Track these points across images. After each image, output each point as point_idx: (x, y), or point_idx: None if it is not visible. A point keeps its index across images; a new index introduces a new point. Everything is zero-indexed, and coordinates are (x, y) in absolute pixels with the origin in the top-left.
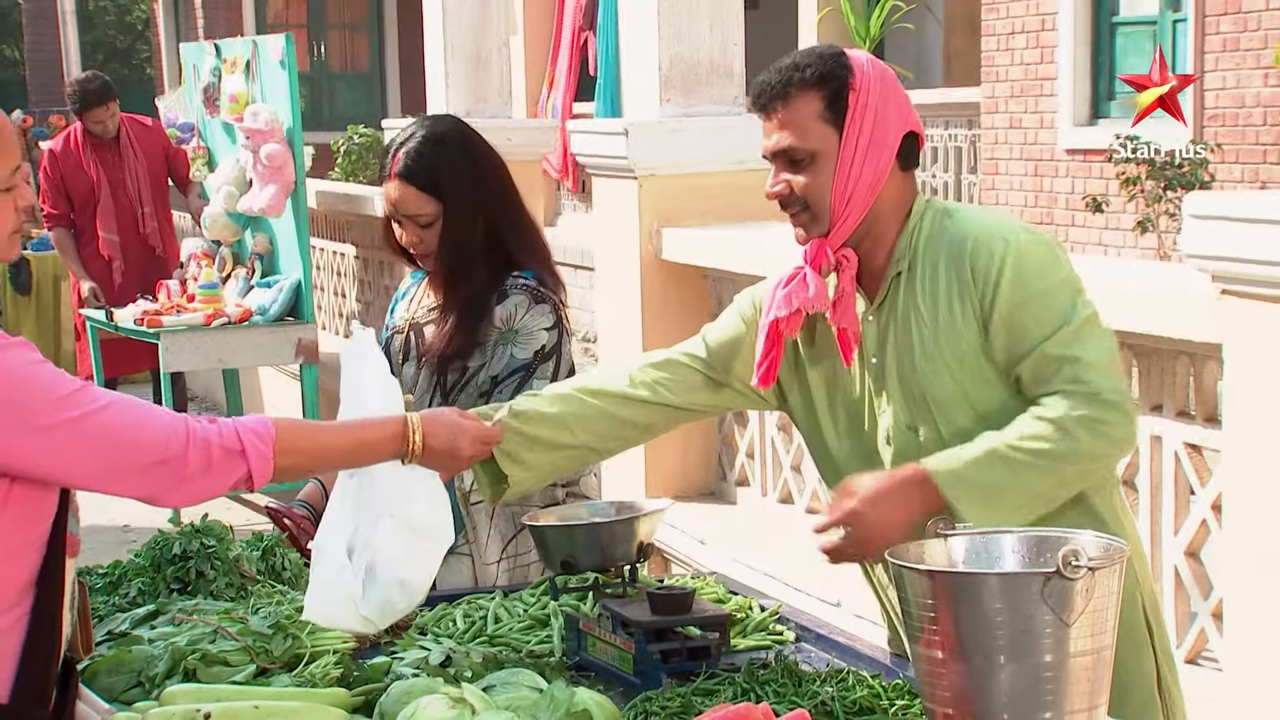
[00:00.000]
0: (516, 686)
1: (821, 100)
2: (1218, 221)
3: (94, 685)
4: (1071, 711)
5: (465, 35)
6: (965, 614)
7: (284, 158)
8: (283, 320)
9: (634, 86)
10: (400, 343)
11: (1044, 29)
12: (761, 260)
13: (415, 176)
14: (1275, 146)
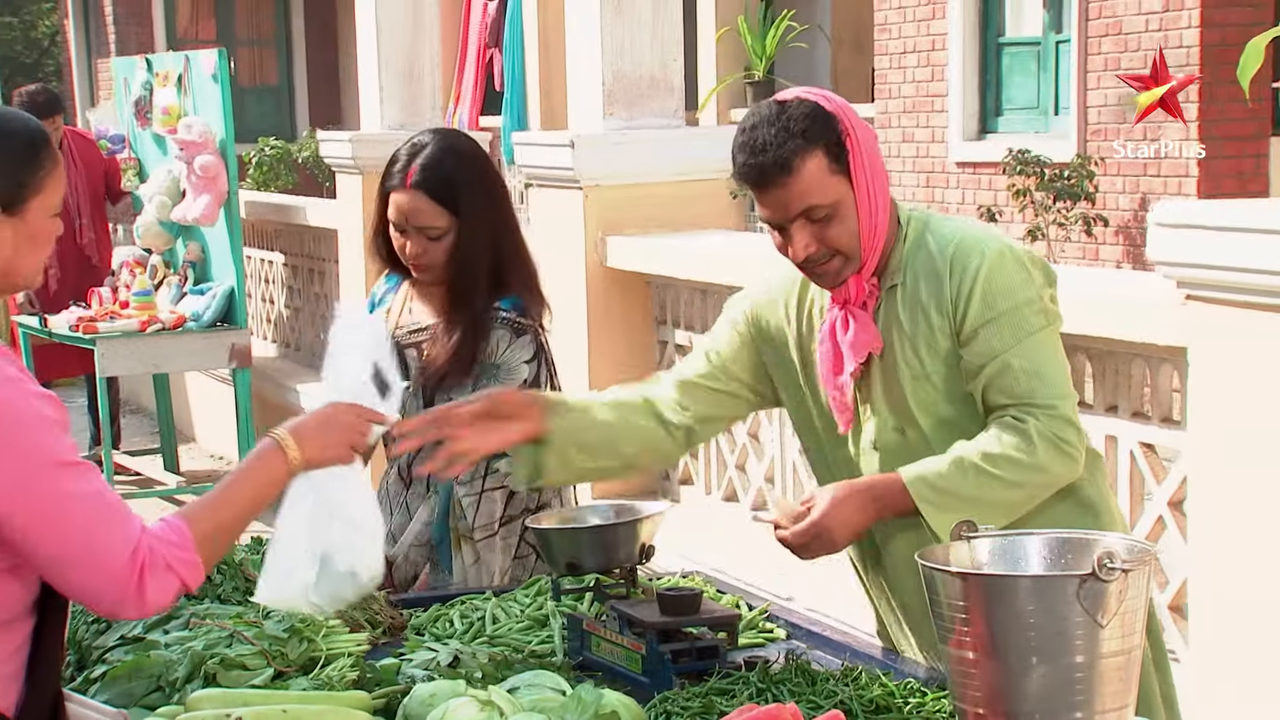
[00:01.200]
0: (540, 688)
1: (825, 156)
2: (1183, 229)
3: (113, 689)
4: (1102, 711)
5: (398, 50)
6: (999, 616)
7: (217, 168)
8: (216, 326)
9: (578, 100)
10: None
11: (934, 49)
12: (703, 267)
13: (432, 188)
14: (1154, 161)
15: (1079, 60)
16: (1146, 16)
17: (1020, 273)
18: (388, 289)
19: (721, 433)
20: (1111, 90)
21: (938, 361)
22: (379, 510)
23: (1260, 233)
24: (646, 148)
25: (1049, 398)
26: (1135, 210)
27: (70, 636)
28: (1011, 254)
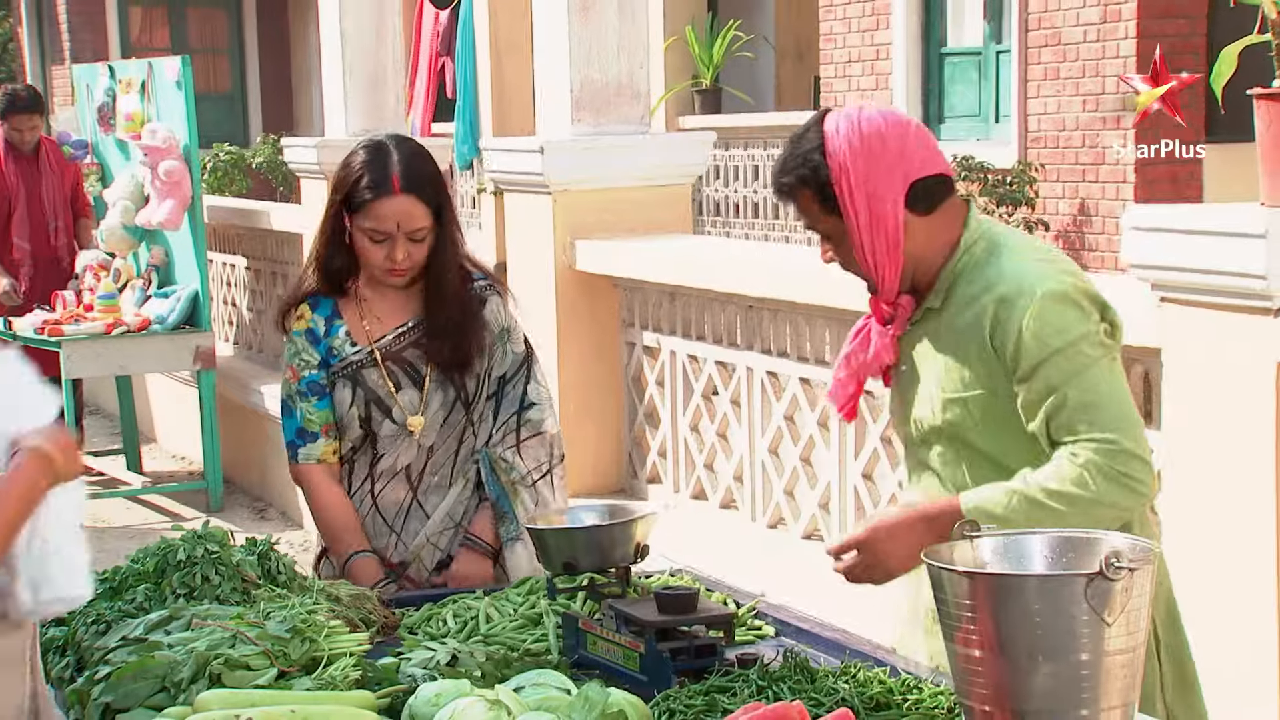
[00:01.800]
0: (544, 688)
1: (813, 197)
2: (1157, 233)
3: (118, 690)
4: (1107, 708)
5: (362, 57)
6: (1007, 614)
7: (181, 173)
8: (181, 329)
9: (547, 106)
10: (378, 375)
11: (878, 59)
12: (670, 270)
13: (419, 190)
14: (1093, 167)
15: (1019, 70)
16: (1085, 27)
17: (1072, 310)
18: (326, 318)
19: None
20: (1051, 99)
21: (968, 382)
22: (78, 521)
23: (1233, 236)
24: (613, 153)
25: (1107, 430)
26: (1074, 215)
27: (69, 637)
28: (1062, 292)
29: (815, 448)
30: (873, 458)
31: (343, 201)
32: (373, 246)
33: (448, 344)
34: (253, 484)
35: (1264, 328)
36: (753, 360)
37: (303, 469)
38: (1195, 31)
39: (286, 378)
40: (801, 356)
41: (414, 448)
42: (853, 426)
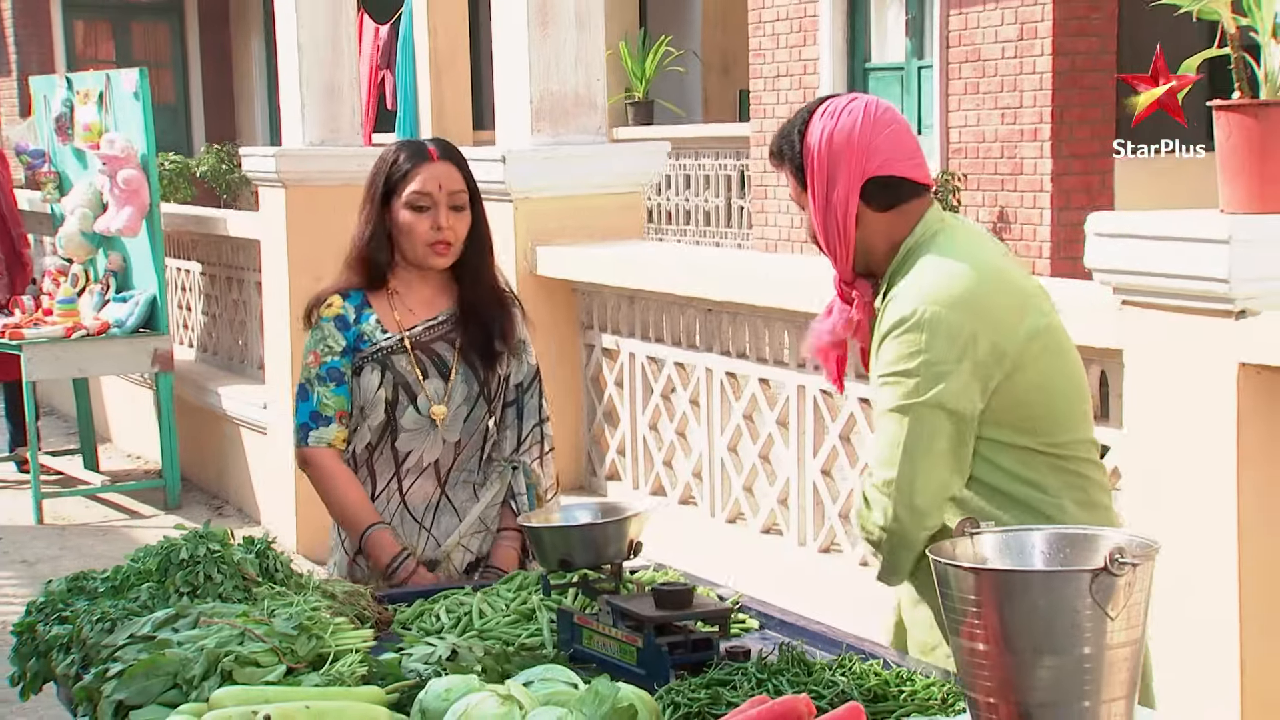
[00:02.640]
0: (553, 682)
1: (792, 174)
2: (1119, 239)
3: (131, 687)
4: (1109, 700)
5: (319, 69)
6: (1012, 609)
7: (140, 182)
8: (139, 332)
9: (507, 117)
10: (407, 362)
11: (806, 73)
12: (628, 274)
13: (455, 158)
14: (1011, 176)
15: (941, 84)
16: (1003, 44)
17: (915, 340)
18: (356, 306)
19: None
20: (971, 112)
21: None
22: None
23: (1197, 241)
24: (572, 162)
25: (882, 471)
26: (994, 222)
27: (74, 635)
28: (910, 319)
29: (774, 445)
30: (831, 454)
31: (381, 190)
32: (417, 219)
33: (481, 331)
34: (209, 482)
35: (1226, 330)
36: (712, 361)
37: (312, 451)
38: (1105, 49)
39: (307, 363)
40: (761, 358)
41: (439, 443)
42: (812, 426)
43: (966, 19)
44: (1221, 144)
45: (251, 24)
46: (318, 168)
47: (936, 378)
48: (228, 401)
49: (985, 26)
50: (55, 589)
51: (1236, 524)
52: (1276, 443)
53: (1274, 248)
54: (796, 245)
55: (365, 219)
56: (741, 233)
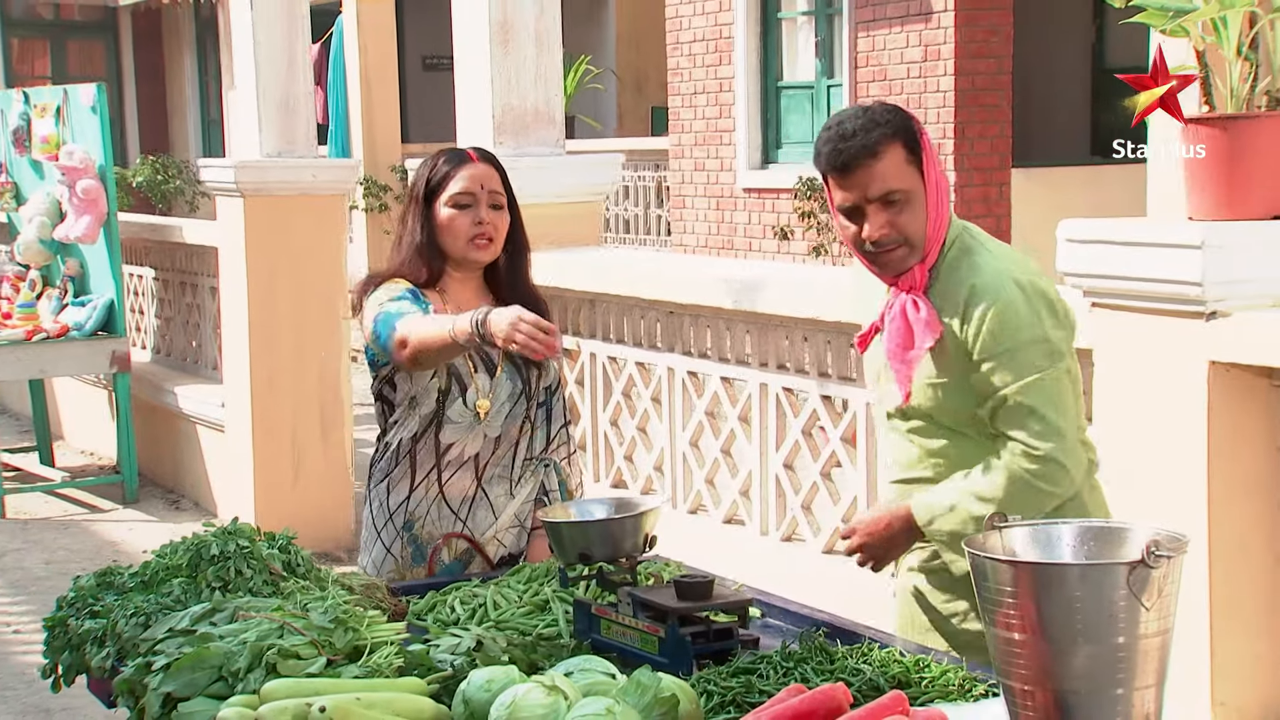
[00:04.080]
0: (591, 673)
1: (904, 148)
2: (1091, 244)
3: (178, 680)
4: (1141, 687)
5: (275, 83)
6: (1049, 600)
7: (98, 191)
8: (97, 335)
9: (470, 130)
10: (462, 356)
11: (722, 90)
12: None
13: (492, 162)
14: None
15: (850, 102)
16: (908, 65)
17: (1031, 313)
18: (414, 294)
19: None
20: None
21: (954, 375)
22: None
23: (1171, 247)
24: (532, 173)
25: (1037, 437)
26: None
27: (108, 629)
28: (1024, 294)
29: (736, 440)
30: (794, 449)
31: (422, 193)
32: (459, 215)
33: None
34: (165, 477)
35: (1197, 330)
36: (674, 361)
37: (406, 321)
38: (1002, 70)
39: (379, 300)
40: (723, 358)
41: (480, 437)
42: (774, 421)
43: (874, 41)
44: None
45: (184, 42)
46: (275, 178)
47: (1058, 345)
48: (184, 401)
49: (891, 48)
50: (84, 584)
51: (1206, 516)
52: (1244, 437)
53: (1243, 252)
54: (713, 251)
55: (411, 221)
56: (660, 240)
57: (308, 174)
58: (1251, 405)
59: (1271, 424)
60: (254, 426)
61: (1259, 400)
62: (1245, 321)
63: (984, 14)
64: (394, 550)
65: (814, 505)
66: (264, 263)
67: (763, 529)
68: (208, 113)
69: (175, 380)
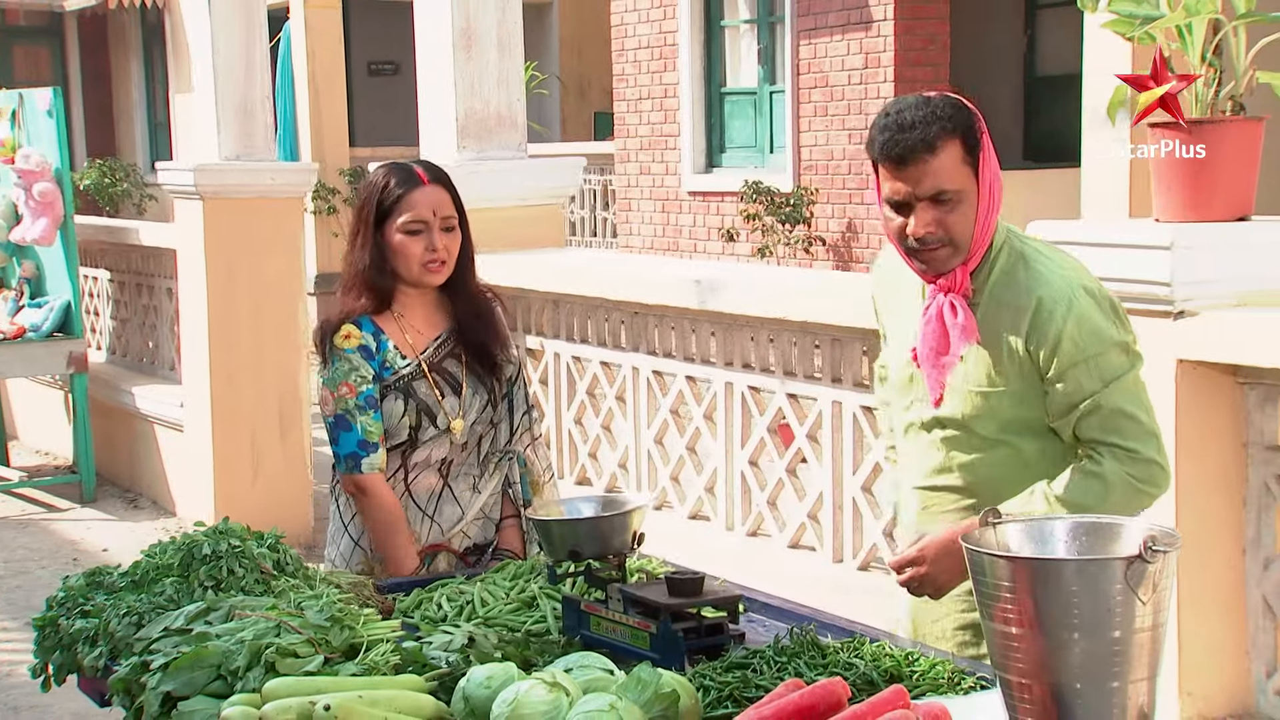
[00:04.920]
0: (590, 669)
1: (962, 146)
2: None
3: (177, 679)
4: (1135, 680)
5: (233, 88)
6: (1046, 594)
7: (54, 194)
8: (54, 336)
9: (434, 134)
10: (427, 386)
11: (667, 96)
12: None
13: (445, 182)
14: (858, 191)
15: (792, 108)
16: (849, 72)
17: (1106, 317)
18: (373, 334)
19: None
20: (821, 133)
21: (1010, 384)
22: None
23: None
24: (495, 176)
25: (1134, 439)
26: (844, 232)
27: (100, 628)
28: (1096, 300)
29: (701, 438)
30: (759, 446)
31: (373, 215)
32: (411, 241)
33: (480, 343)
34: (122, 476)
35: (1166, 329)
36: (638, 361)
37: (367, 479)
38: (940, 77)
39: (341, 394)
40: (688, 357)
41: (446, 444)
42: (740, 419)
43: (815, 48)
44: (1157, 159)
45: (130, 48)
46: (234, 181)
47: (1133, 343)
48: (142, 401)
49: (833, 55)
50: (74, 584)
51: (1175, 509)
52: (1211, 433)
53: (1210, 253)
54: (658, 252)
55: (361, 244)
56: (606, 242)
57: (266, 177)
58: (1218, 402)
59: (1236, 420)
60: (214, 425)
61: (1225, 397)
62: (1212, 320)
63: (922, 23)
64: (362, 544)
65: (779, 501)
66: (223, 264)
67: (728, 524)
68: (154, 117)
69: (132, 381)
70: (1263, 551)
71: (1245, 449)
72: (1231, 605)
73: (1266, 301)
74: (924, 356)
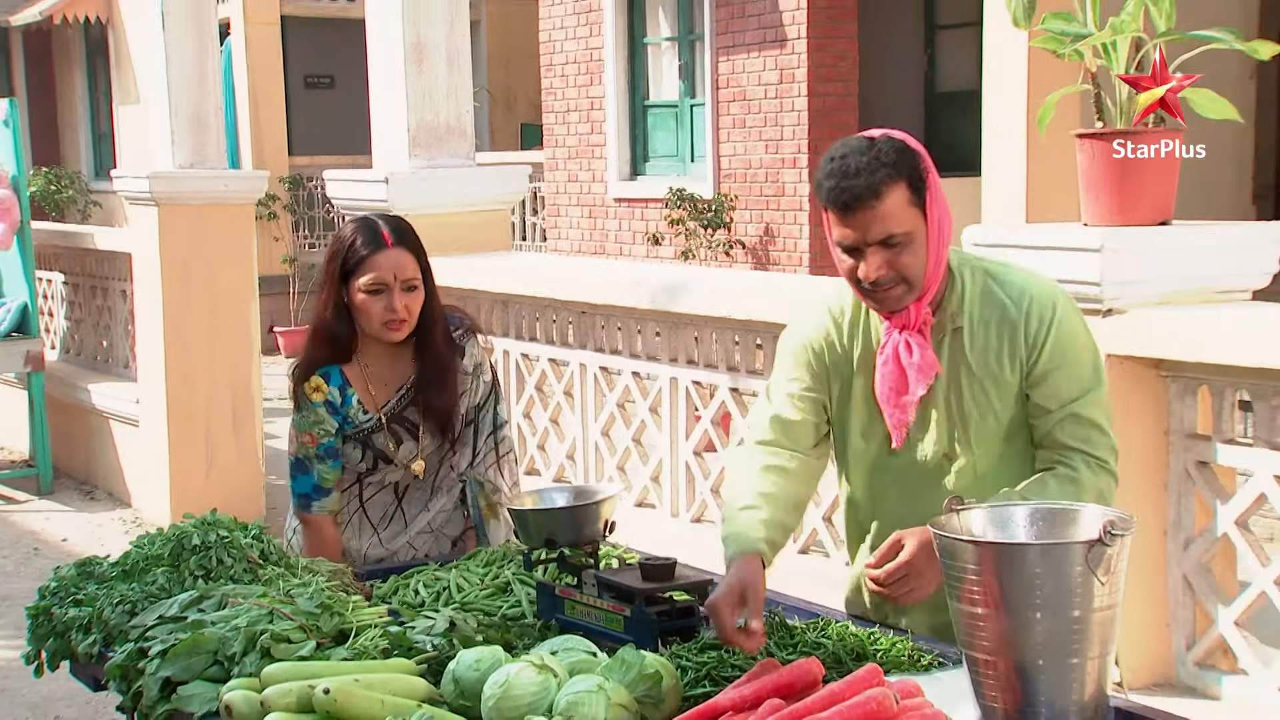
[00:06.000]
0: (575, 652)
1: (908, 187)
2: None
3: (176, 665)
4: (1094, 657)
5: (187, 101)
6: (1013, 577)
7: (11, 201)
8: (11, 336)
9: (387, 143)
10: (383, 438)
11: (593, 109)
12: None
13: (409, 243)
14: (775, 198)
15: (712, 120)
16: (765, 87)
17: (1083, 327)
18: (339, 387)
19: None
20: (739, 144)
21: (1007, 403)
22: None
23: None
24: (446, 183)
25: (1104, 450)
26: (761, 236)
27: (94, 616)
28: (1073, 308)
29: (647, 430)
30: (703, 437)
31: (339, 271)
32: (373, 301)
33: (439, 401)
34: (77, 469)
35: (1096, 326)
36: (586, 358)
37: (315, 519)
38: (849, 92)
39: (304, 441)
40: (634, 354)
41: (402, 472)
42: (684, 412)
43: (734, 64)
44: (1085, 168)
45: (74, 61)
46: (188, 188)
47: (1100, 360)
48: (98, 397)
49: (749, 71)
50: (65, 574)
51: None
52: (1136, 421)
53: (1136, 255)
54: (586, 255)
55: (326, 297)
56: (536, 245)
57: (219, 184)
58: (1143, 394)
59: (1159, 410)
60: (169, 421)
61: (1149, 388)
62: (1138, 318)
63: (832, 41)
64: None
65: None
66: (178, 266)
67: (673, 511)
68: (98, 127)
69: (87, 379)
70: (1183, 533)
71: (1167, 437)
72: (1154, 583)
73: (1187, 300)
74: (884, 397)
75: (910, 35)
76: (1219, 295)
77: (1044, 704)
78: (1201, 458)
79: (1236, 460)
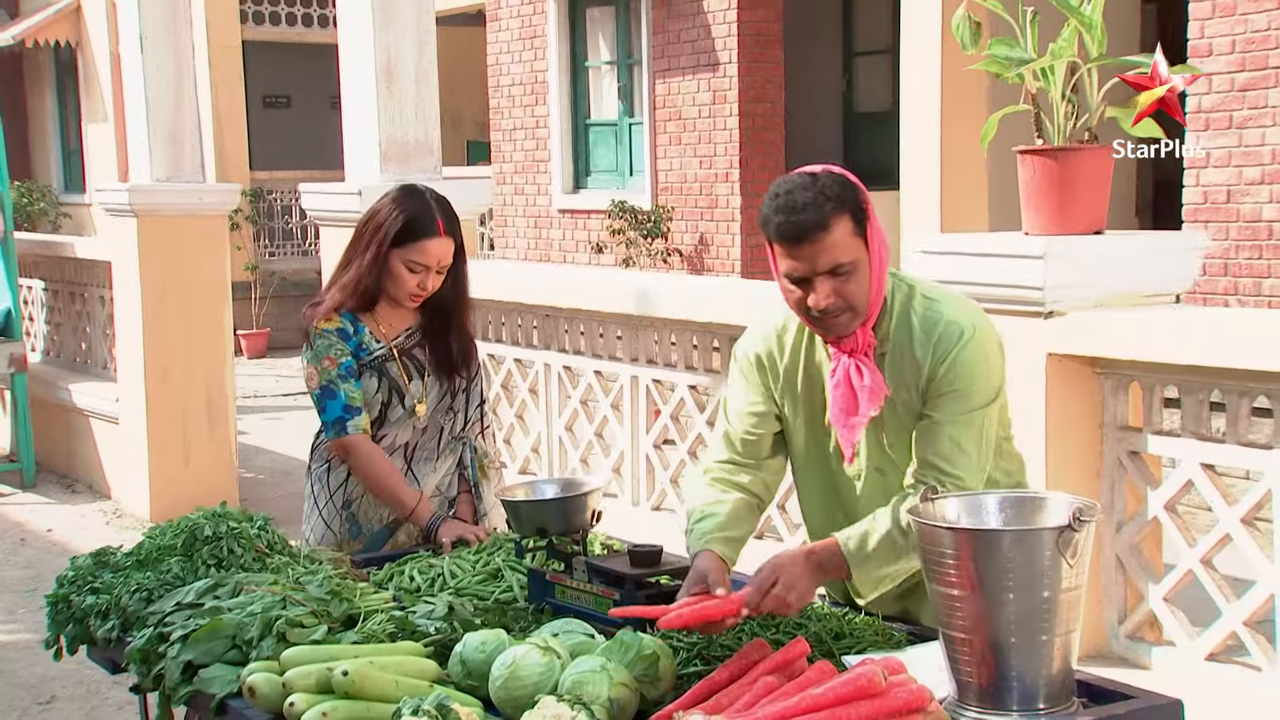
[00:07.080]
0: (574, 634)
1: (851, 219)
2: (945, 255)
3: (196, 649)
4: (1062, 634)
5: (163, 118)
6: (988, 561)
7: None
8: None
9: (359, 158)
10: (397, 368)
11: (538, 127)
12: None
13: (454, 232)
14: (709, 209)
15: (650, 137)
16: (699, 107)
17: (989, 359)
18: (350, 321)
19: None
20: (676, 159)
21: (917, 418)
22: None
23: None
24: None
25: (964, 469)
26: (697, 245)
27: (112, 603)
28: (987, 339)
29: (608, 425)
30: (663, 432)
31: (389, 238)
32: (410, 275)
33: (443, 347)
34: (59, 464)
35: (1037, 327)
36: (550, 358)
37: (354, 439)
38: (775, 112)
39: (324, 366)
40: (596, 354)
41: (410, 429)
42: (644, 408)
43: (669, 86)
44: (1026, 182)
45: (44, 82)
46: (166, 200)
47: (999, 383)
48: (79, 396)
49: (684, 93)
50: (82, 564)
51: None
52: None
53: (1074, 262)
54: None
55: (371, 258)
56: (484, 254)
57: (195, 196)
58: (1080, 389)
59: (1094, 405)
60: (148, 418)
61: (1086, 385)
62: (1076, 320)
63: (760, 65)
64: (333, 526)
65: (682, 479)
66: (156, 273)
67: (634, 500)
68: (67, 144)
69: (68, 379)
70: (1115, 516)
71: (1101, 429)
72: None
73: (1119, 303)
74: (835, 418)
75: (831, 61)
76: (1147, 298)
77: (1015, 678)
78: (1133, 448)
79: (1164, 450)
